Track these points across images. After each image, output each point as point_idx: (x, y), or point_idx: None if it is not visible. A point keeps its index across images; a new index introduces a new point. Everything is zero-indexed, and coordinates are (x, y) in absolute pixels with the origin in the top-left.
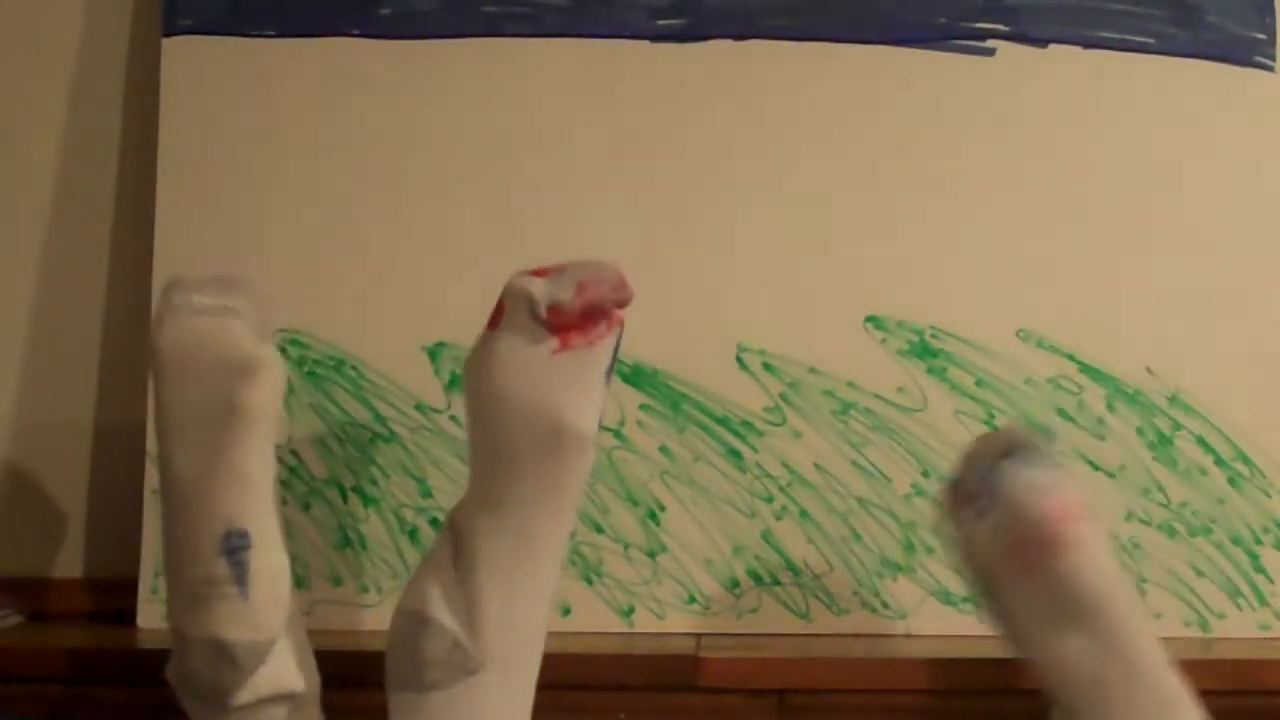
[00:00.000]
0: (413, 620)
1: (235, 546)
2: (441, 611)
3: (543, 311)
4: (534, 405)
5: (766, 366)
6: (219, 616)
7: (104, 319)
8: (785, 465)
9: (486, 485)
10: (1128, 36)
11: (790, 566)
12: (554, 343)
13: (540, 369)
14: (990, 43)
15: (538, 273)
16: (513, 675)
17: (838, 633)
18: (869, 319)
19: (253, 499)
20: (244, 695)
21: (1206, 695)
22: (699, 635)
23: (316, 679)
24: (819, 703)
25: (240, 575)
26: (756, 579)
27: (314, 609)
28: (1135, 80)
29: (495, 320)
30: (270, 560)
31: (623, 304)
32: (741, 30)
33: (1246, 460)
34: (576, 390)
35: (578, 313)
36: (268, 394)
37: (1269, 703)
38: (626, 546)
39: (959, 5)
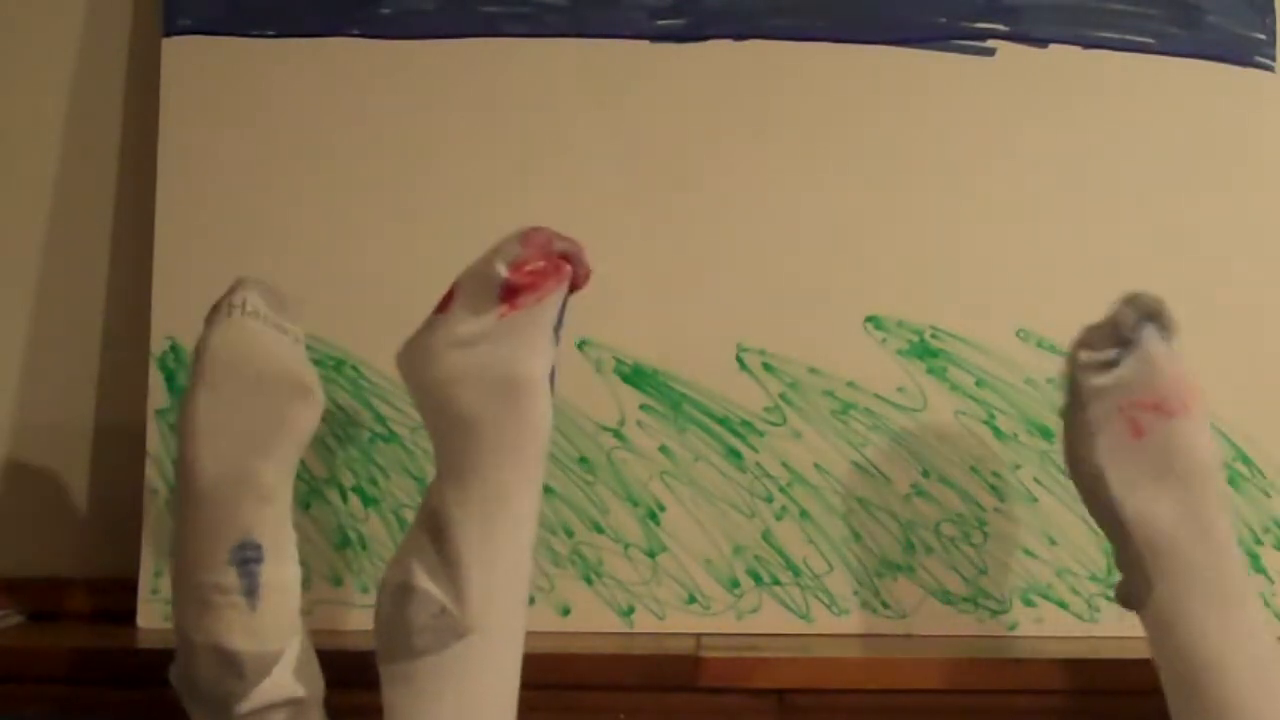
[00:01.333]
0: (398, 591)
1: (248, 558)
2: (425, 580)
3: (505, 271)
4: (481, 366)
5: (766, 366)
6: (226, 625)
7: (104, 319)
8: (785, 465)
9: (450, 457)
10: (1128, 36)
11: (790, 566)
12: (502, 308)
13: (485, 335)
14: (990, 43)
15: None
16: (500, 639)
17: (838, 633)
18: (869, 319)
19: (271, 513)
20: (247, 704)
21: None
22: (699, 635)
23: (320, 683)
24: (819, 703)
25: (250, 587)
26: (756, 579)
27: (314, 609)
28: (1135, 80)
29: (445, 305)
30: (281, 573)
31: (571, 248)
32: (741, 30)
33: (1246, 460)
34: (522, 342)
35: (535, 256)
36: (315, 417)
37: None
38: (626, 546)
39: (959, 5)
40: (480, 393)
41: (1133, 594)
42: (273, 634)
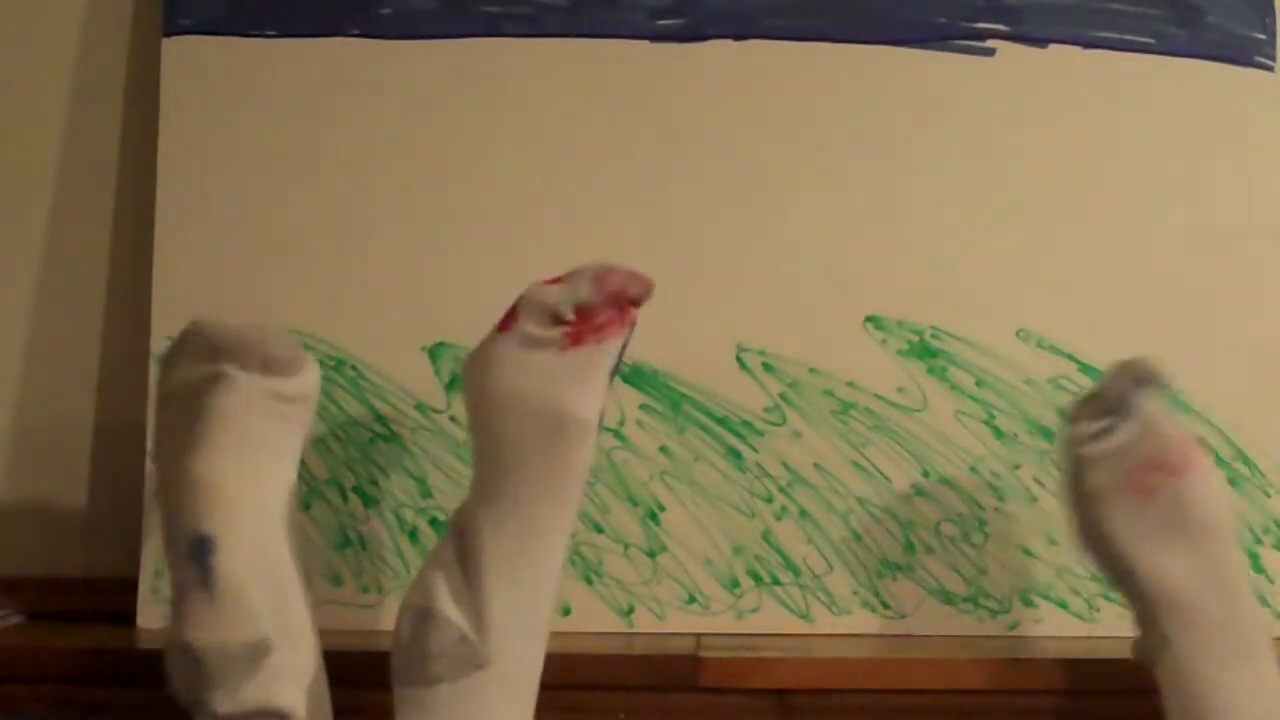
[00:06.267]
0: (419, 615)
1: (201, 551)
2: (448, 606)
3: (569, 314)
4: (537, 398)
5: (766, 366)
6: (186, 620)
7: (104, 319)
8: (785, 465)
9: (489, 481)
10: (1128, 36)
11: (790, 566)
12: (564, 342)
13: (545, 366)
14: (990, 43)
15: (550, 282)
16: (518, 671)
17: (838, 633)
18: (869, 319)
19: (216, 504)
20: (226, 704)
21: None
22: (699, 635)
23: (327, 708)
24: (819, 703)
25: (205, 579)
26: (756, 579)
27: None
28: (1135, 80)
29: (507, 324)
30: (239, 564)
31: (643, 292)
32: (741, 30)
33: (1246, 460)
34: (580, 383)
35: (602, 305)
36: (236, 398)
37: None
38: (626, 546)
39: (959, 5)
40: (532, 424)
41: (1149, 650)
42: (233, 624)
